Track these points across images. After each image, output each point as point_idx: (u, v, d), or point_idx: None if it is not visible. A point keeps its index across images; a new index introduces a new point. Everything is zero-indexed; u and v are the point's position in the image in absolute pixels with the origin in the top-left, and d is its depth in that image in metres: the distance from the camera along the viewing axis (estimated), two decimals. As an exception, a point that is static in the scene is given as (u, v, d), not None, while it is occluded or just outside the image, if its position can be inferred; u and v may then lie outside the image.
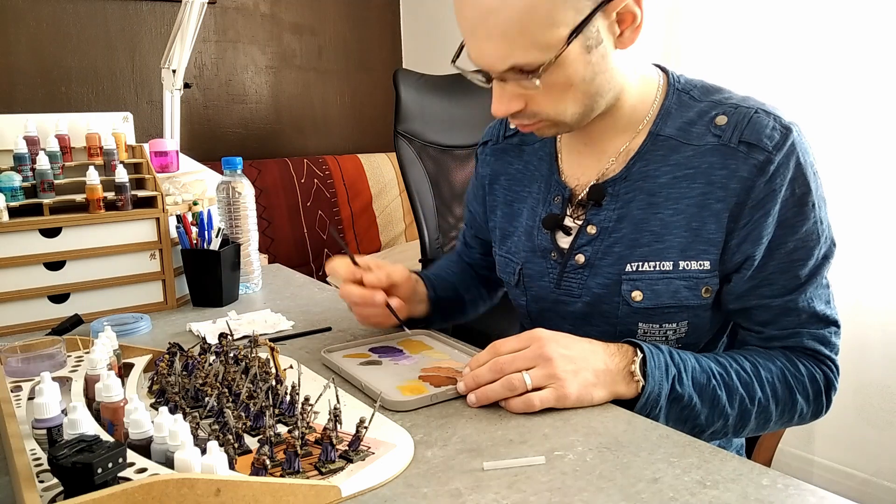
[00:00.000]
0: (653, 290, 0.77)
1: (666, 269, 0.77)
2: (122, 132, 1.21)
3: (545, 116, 0.76)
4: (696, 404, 0.73)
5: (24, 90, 2.39)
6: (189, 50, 1.89)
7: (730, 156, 0.75)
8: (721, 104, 0.78)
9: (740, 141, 0.74)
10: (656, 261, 0.77)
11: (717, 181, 0.75)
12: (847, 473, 1.84)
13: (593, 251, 0.81)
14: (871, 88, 1.67)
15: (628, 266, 0.78)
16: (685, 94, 0.81)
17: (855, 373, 1.77)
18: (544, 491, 0.55)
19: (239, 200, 1.21)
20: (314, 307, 1.14)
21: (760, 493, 0.54)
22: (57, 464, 0.46)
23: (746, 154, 0.74)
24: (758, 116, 0.75)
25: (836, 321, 0.79)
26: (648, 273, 0.78)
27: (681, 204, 0.77)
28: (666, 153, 0.79)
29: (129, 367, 0.77)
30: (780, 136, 0.73)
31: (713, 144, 0.76)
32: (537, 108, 0.75)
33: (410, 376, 0.79)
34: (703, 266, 0.76)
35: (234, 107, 2.84)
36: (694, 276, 0.77)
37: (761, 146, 0.73)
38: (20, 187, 1.06)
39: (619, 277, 0.79)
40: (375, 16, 3.16)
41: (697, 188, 0.76)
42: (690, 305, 0.77)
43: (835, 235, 0.78)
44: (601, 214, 0.81)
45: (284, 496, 0.50)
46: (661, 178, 0.78)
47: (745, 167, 0.74)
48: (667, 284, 0.77)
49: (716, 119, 0.77)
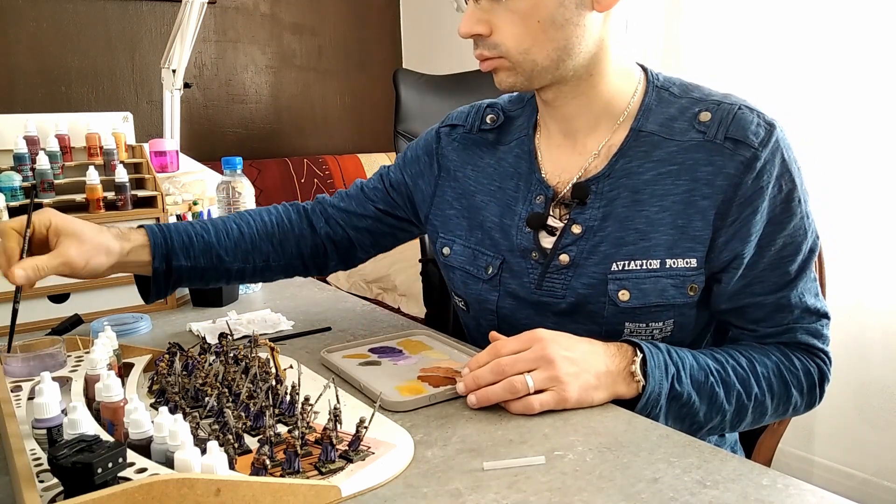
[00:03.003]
0: (640, 289, 0.77)
1: (653, 268, 0.77)
2: (122, 132, 1.21)
3: (506, 51, 0.75)
4: (694, 402, 0.73)
5: (24, 90, 2.39)
6: (189, 50, 1.90)
7: (715, 152, 0.75)
8: (702, 101, 0.78)
9: (726, 137, 0.74)
10: (643, 259, 0.77)
11: (703, 178, 0.75)
12: (847, 473, 1.84)
13: (578, 251, 0.80)
14: (872, 88, 1.67)
15: (614, 265, 0.78)
16: (664, 90, 0.80)
17: (855, 373, 1.77)
18: (544, 491, 0.55)
19: (239, 200, 1.21)
20: (314, 307, 1.14)
21: (760, 493, 0.54)
22: (57, 464, 0.46)
23: (733, 151, 0.74)
24: (742, 113, 0.75)
25: (826, 313, 0.81)
26: (635, 272, 0.77)
27: (666, 201, 0.76)
28: (649, 149, 0.78)
29: (129, 367, 0.77)
30: (765, 133, 0.74)
31: (698, 140, 0.76)
32: (500, 39, 0.75)
33: (409, 376, 0.79)
34: (689, 264, 0.76)
35: (234, 107, 2.84)
36: (681, 273, 0.76)
37: (748, 143, 0.73)
38: (20, 187, 1.06)
39: (604, 277, 0.78)
40: (375, 16, 3.16)
41: (683, 185, 0.76)
42: (677, 304, 0.77)
43: (834, 235, 0.79)
44: (586, 213, 0.80)
45: (284, 496, 0.50)
46: (645, 175, 0.78)
47: (732, 164, 0.74)
48: (654, 283, 0.77)
49: (699, 115, 0.76)
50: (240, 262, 0.93)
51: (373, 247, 1.02)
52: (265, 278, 0.99)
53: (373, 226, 0.99)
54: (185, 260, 0.88)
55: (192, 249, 0.89)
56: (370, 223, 0.99)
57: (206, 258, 0.90)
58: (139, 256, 0.86)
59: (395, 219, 1.00)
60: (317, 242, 0.99)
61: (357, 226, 0.99)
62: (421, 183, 0.96)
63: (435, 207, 0.95)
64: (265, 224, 0.96)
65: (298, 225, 0.98)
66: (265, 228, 0.95)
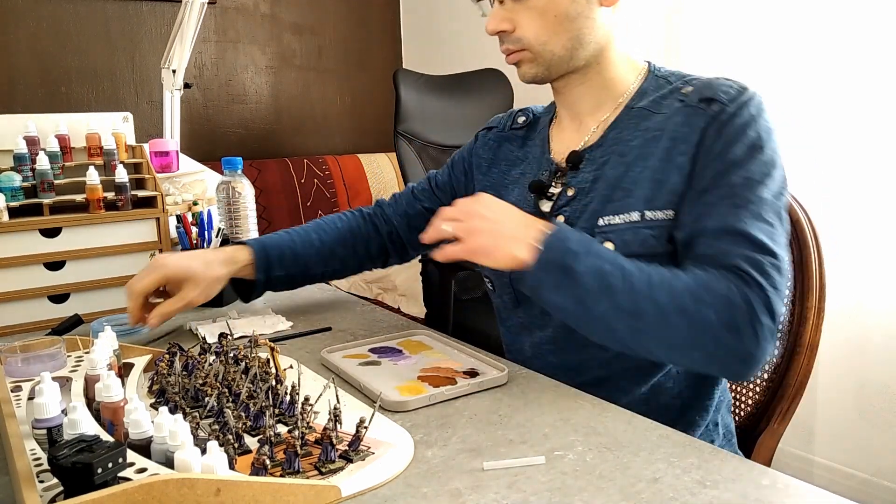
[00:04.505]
0: (622, 240, 0.80)
1: (634, 220, 0.80)
2: (122, 132, 1.21)
3: (528, 44, 0.85)
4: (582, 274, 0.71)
5: (24, 90, 2.39)
6: (189, 50, 1.89)
7: (691, 114, 0.81)
8: (691, 81, 0.85)
9: (700, 99, 0.81)
10: (625, 213, 0.81)
11: (680, 137, 0.80)
12: (847, 473, 1.84)
13: (571, 211, 0.86)
14: (872, 88, 1.67)
15: (601, 220, 0.82)
16: (662, 78, 0.88)
17: (855, 373, 1.77)
18: (544, 491, 0.55)
19: (239, 200, 1.21)
20: (314, 307, 1.14)
21: (760, 493, 0.54)
22: (57, 464, 0.46)
23: (706, 109, 0.80)
24: (718, 80, 0.82)
25: (775, 253, 0.73)
26: (618, 225, 0.81)
27: (649, 161, 0.82)
28: (638, 121, 0.85)
29: (129, 367, 0.77)
30: (735, 92, 0.80)
31: (678, 108, 0.82)
32: (522, 34, 0.85)
33: (409, 376, 0.79)
34: (668, 215, 0.80)
35: (234, 107, 2.84)
36: (659, 224, 0.80)
37: (717, 99, 0.79)
38: (20, 187, 1.06)
39: (592, 231, 0.83)
40: (375, 16, 3.16)
41: (663, 145, 0.81)
42: (657, 253, 0.80)
43: (834, 235, 0.79)
44: (579, 177, 0.87)
45: (284, 496, 0.50)
46: (633, 142, 0.84)
47: (703, 118, 0.79)
48: (634, 233, 0.80)
49: (682, 89, 0.84)
50: (321, 267, 1.07)
51: (421, 244, 1.11)
52: (341, 276, 1.13)
53: (419, 224, 1.07)
54: (280, 270, 1.03)
55: (284, 261, 1.03)
56: (418, 221, 1.08)
57: (296, 267, 1.04)
58: (244, 275, 1.01)
59: None
60: (381, 243, 1.11)
61: (408, 225, 1.10)
62: (464, 181, 1.07)
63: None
64: (339, 231, 1.09)
65: (365, 229, 1.11)
66: (340, 235, 1.09)
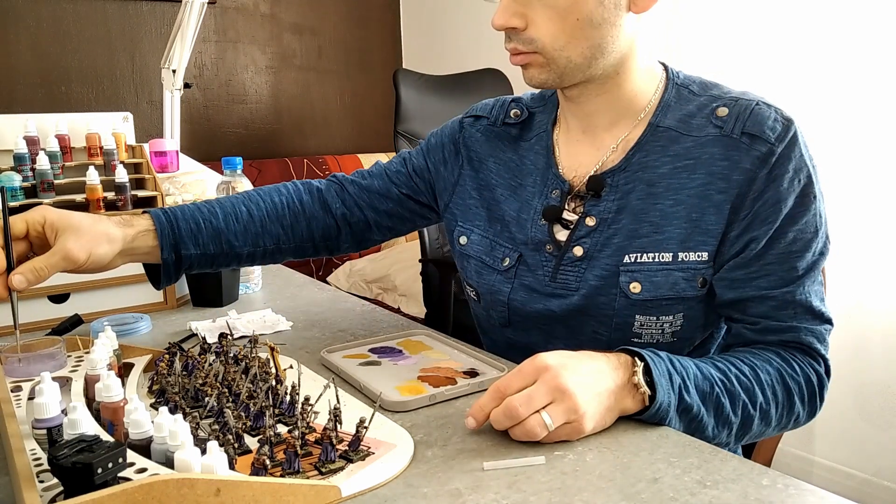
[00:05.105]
0: (651, 281, 0.77)
1: (665, 261, 0.77)
2: (122, 132, 1.21)
3: (541, 47, 0.75)
4: (703, 416, 0.69)
5: (24, 90, 2.39)
6: (189, 50, 1.89)
7: (732, 147, 0.75)
8: (720, 98, 0.79)
9: (742, 132, 0.75)
10: (655, 252, 0.77)
11: (719, 172, 0.75)
12: (847, 473, 1.84)
13: (592, 243, 0.80)
14: (872, 87, 1.67)
15: (626, 257, 0.78)
16: (684, 88, 0.81)
17: (855, 373, 1.77)
18: (544, 491, 0.55)
19: (239, 200, 1.21)
20: (314, 307, 1.14)
21: (760, 493, 0.54)
22: (57, 464, 0.46)
23: (749, 145, 0.74)
24: (759, 108, 0.76)
25: (830, 320, 0.79)
26: (647, 264, 0.77)
27: (681, 195, 0.77)
28: (666, 144, 0.79)
29: (129, 367, 0.77)
30: (781, 128, 0.74)
31: (714, 135, 0.76)
32: (535, 34, 0.74)
33: (409, 376, 0.79)
34: (701, 257, 0.76)
35: (234, 107, 2.84)
36: (692, 267, 0.76)
37: (764, 137, 0.74)
38: (20, 187, 1.06)
39: (616, 269, 0.78)
40: (375, 16, 3.16)
41: (698, 179, 0.76)
42: (687, 297, 0.77)
43: (834, 235, 0.79)
44: (600, 206, 0.80)
45: (284, 496, 0.50)
46: (661, 169, 0.78)
47: (748, 158, 0.74)
48: (666, 276, 0.77)
49: (717, 111, 0.77)
50: (249, 247, 0.91)
51: (389, 230, 1.01)
52: (275, 260, 0.97)
53: (393, 209, 0.98)
54: (195, 248, 0.87)
55: (200, 237, 0.87)
56: (391, 206, 0.98)
57: (216, 244, 0.88)
58: (145, 242, 0.83)
59: (416, 203, 0.99)
60: (329, 224, 0.97)
61: (378, 207, 0.98)
62: (443, 170, 0.96)
63: (456, 196, 0.95)
64: (275, 206, 0.93)
65: (310, 206, 0.96)
66: (275, 210, 0.93)
